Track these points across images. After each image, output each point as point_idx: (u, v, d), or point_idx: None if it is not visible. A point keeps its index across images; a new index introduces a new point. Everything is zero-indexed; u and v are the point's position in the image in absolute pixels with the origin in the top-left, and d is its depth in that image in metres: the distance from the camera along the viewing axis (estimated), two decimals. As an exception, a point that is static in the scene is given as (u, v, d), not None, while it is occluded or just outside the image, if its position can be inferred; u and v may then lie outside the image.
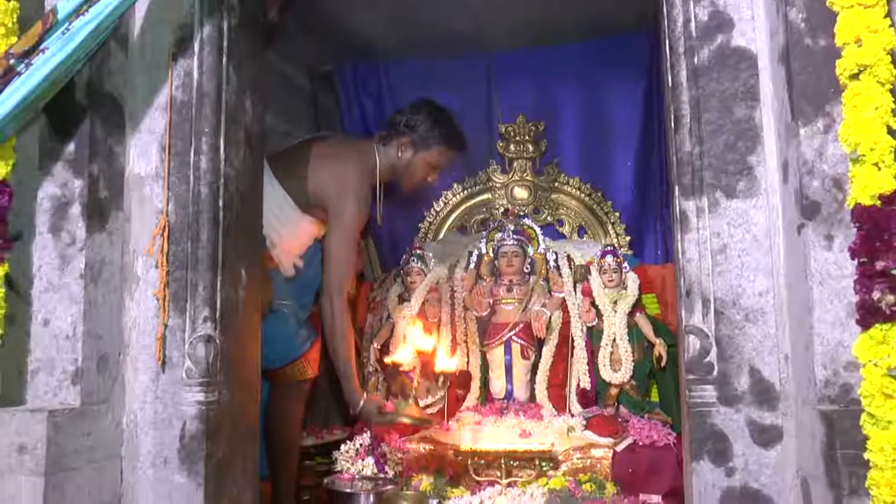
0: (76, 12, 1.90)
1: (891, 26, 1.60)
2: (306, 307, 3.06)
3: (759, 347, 1.86)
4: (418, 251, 3.31)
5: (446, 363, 2.82)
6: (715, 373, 1.89)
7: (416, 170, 3.16)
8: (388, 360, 2.90)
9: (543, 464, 2.65)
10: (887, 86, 1.58)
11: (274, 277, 2.90)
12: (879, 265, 1.52)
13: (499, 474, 2.62)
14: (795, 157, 1.74)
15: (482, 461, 2.67)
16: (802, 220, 1.72)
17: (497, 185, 3.67)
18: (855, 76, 1.60)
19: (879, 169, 1.54)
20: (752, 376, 1.86)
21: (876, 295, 1.52)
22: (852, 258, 1.58)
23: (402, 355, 2.83)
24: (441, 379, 2.74)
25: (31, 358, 2.01)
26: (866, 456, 1.51)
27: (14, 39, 1.89)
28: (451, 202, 3.71)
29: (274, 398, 3.01)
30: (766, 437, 1.84)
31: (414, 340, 2.86)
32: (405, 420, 2.79)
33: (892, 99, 1.58)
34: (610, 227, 3.51)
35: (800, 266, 1.74)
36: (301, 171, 2.99)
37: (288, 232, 2.95)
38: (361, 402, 2.89)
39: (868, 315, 1.53)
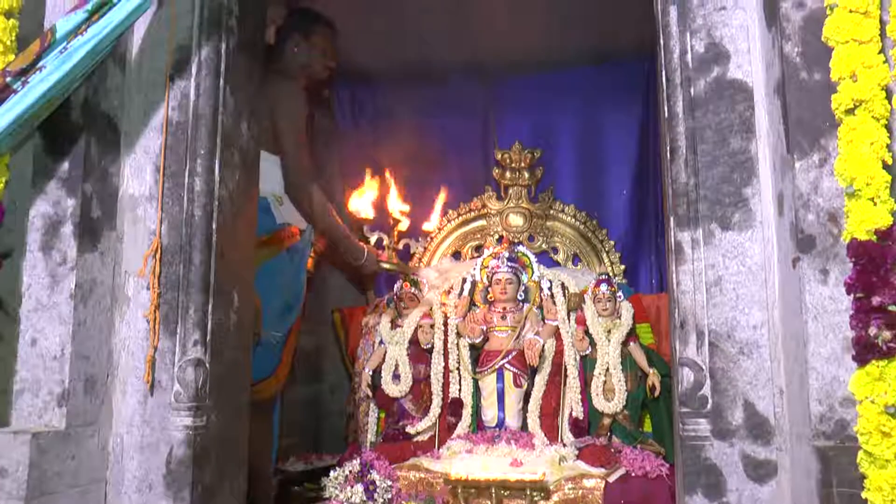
0: (75, 31, 1.90)
1: (885, 62, 1.61)
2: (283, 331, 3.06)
3: (753, 381, 1.85)
4: (412, 277, 3.29)
5: None
6: (709, 406, 1.87)
7: (315, 58, 3.48)
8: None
9: (535, 494, 2.61)
10: (882, 121, 1.59)
11: (265, 304, 2.88)
12: (875, 301, 1.51)
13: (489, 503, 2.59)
14: (791, 189, 1.74)
15: (473, 490, 2.63)
16: (798, 253, 1.71)
17: (492, 211, 3.66)
18: (850, 111, 1.61)
19: (875, 204, 1.55)
20: (747, 410, 1.85)
21: (872, 331, 1.51)
22: (848, 293, 1.58)
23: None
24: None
25: (17, 378, 1.98)
26: (864, 495, 1.50)
27: (12, 57, 1.89)
28: (445, 228, 3.70)
29: None
30: (760, 472, 1.81)
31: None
32: (386, 266, 3.49)
33: (887, 134, 1.59)
34: (604, 255, 3.51)
35: (795, 299, 1.73)
36: None
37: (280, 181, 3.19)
38: (366, 254, 3.45)
39: (864, 351, 1.52)
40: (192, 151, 2.14)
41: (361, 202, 3.69)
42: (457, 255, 3.68)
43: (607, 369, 2.98)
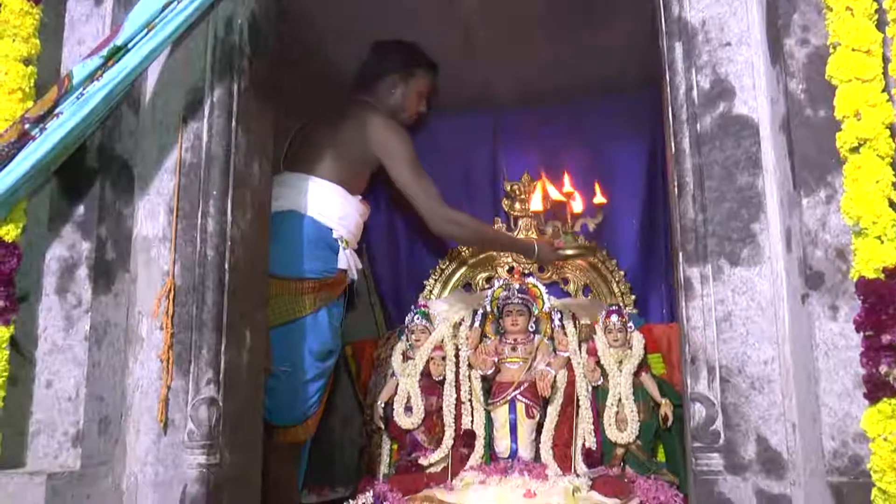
0: (91, 77, 1.93)
1: (888, 101, 1.62)
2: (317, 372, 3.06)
3: (765, 416, 1.85)
4: (423, 309, 3.30)
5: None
6: (721, 441, 1.87)
7: (410, 102, 3.32)
8: None
9: (549, 526, 2.60)
10: (887, 159, 1.59)
11: (277, 341, 2.89)
12: (885, 339, 1.51)
13: (503, 537, 2.57)
14: (798, 226, 1.75)
15: (486, 523, 2.63)
16: (806, 289, 1.71)
17: (502, 242, 3.67)
18: (855, 149, 1.62)
19: (882, 242, 1.55)
20: (759, 445, 1.84)
21: (883, 368, 1.51)
22: (857, 331, 1.58)
23: None
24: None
25: (32, 420, 2.00)
26: (878, 532, 1.49)
27: (30, 104, 1.92)
28: (456, 260, 3.71)
29: (272, 459, 2.98)
30: (774, 506, 1.80)
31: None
32: (570, 252, 3.37)
33: (893, 172, 1.59)
34: (615, 286, 3.50)
35: (805, 336, 1.73)
36: (332, 154, 3.08)
37: (354, 223, 3.13)
38: (536, 248, 3.32)
39: (875, 388, 1.52)
40: (205, 192, 2.16)
41: None
42: (468, 287, 3.68)
43: (619, 400, 2.97)
